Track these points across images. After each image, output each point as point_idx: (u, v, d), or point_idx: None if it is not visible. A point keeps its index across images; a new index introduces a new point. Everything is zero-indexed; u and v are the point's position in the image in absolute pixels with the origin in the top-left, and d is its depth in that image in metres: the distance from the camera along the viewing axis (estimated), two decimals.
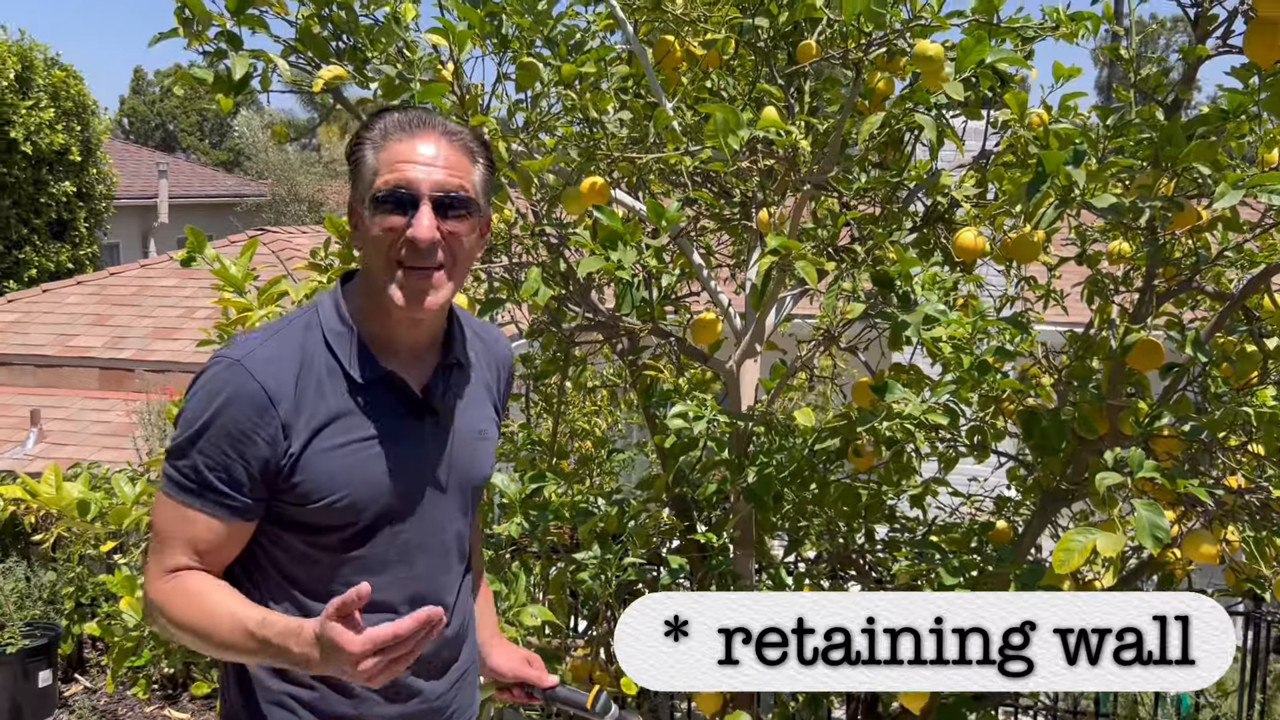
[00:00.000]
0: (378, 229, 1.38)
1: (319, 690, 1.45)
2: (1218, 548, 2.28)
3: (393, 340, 1.46)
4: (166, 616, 1.37)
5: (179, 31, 2.44)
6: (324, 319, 1.45)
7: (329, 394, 1.41)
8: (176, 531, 1.38)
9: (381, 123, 1.42)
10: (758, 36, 2.70)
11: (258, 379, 1.36)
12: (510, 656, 1.76)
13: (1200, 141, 2.11)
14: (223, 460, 1.36)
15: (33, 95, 10.21)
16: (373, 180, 1.39)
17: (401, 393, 1.46)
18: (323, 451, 1.39)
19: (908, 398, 2.25)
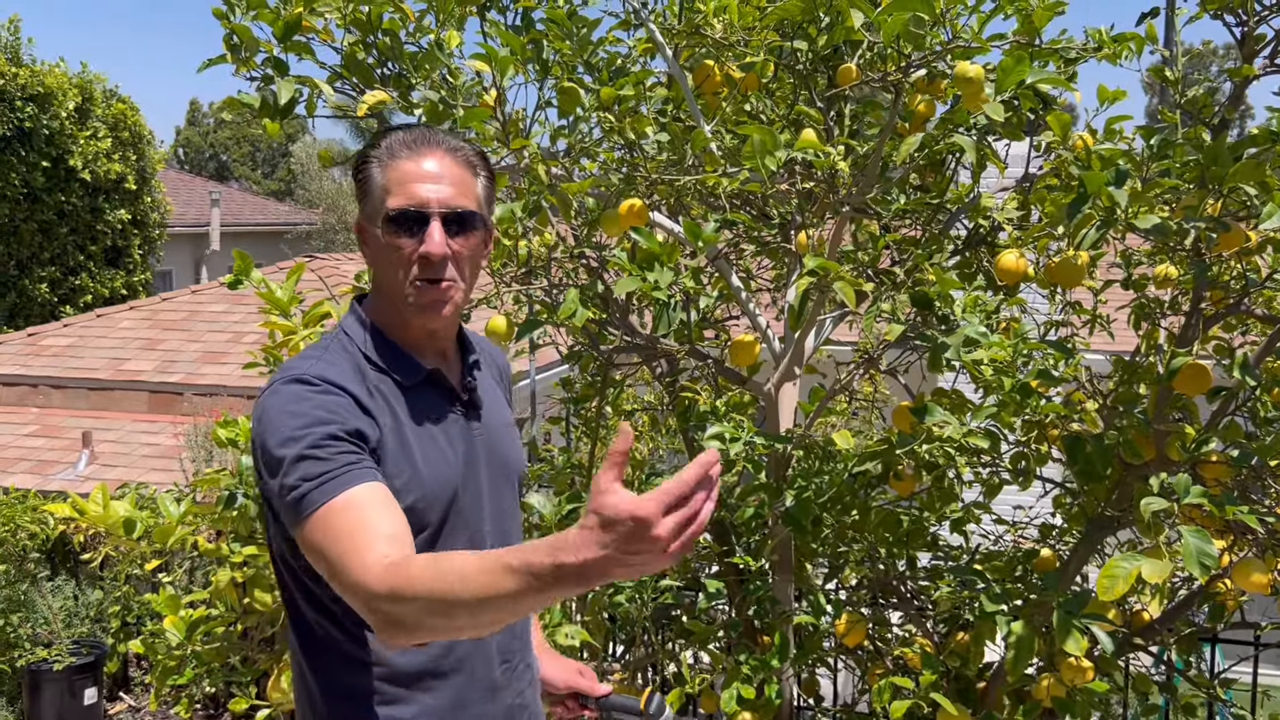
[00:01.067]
0: (392, 247, 1.45)
1: (421, 703, 1.45)
2: (1269, 576, 2.22)
3: (420, 344, 1.51)
4: (408, 594, 1.17)
5: (228, 58, 2.51)
6: (354, 336, 1.50)
7: (388, 398, 1.45)
8: (353, 528, 1.26)
9: (387, 141, 1.47)
10: (796, 60, 2.71)
11: (335, 383, 1.39)
12: (562, 668, 1.77)
13: (1247, 161, 2.07)
14: (339, 438, 1.33)
15: (91, 125, 10.48)
16: (383, 199, 1.45)
17: (446, 390, 1.52)
18: (396, 454, 1.42)
19: (948, 420, 2.23)
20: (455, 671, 1.47)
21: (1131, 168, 2.09)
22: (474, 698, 1.49)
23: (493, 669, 1.52)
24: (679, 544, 1.02)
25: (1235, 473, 2.40)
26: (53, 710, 4.01)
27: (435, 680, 1.46)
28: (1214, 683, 3.01)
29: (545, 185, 2.57)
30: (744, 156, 2.17)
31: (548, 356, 6.55)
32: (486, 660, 1.51)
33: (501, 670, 1.54)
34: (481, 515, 1.53)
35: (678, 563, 0.99)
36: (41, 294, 10.24)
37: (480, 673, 1.50)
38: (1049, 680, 2.53)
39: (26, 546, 4.23)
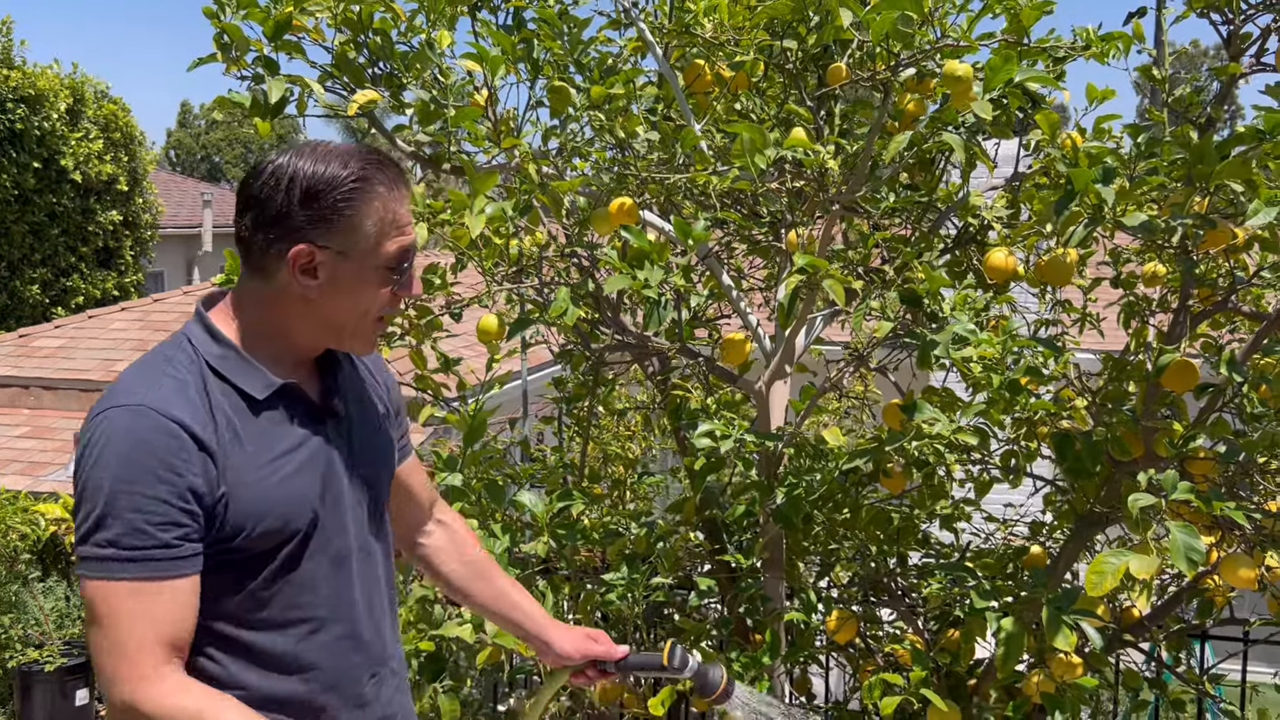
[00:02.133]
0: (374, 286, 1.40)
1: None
2: (1256, 572, 2.24)
3: (279, 356, 1.44)
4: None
5: (218, 57, 2.51)
6: (200, 346, 1.40)
7: (234, 418, 1.37)
8: (142, 618, 1.25)
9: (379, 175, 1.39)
10: (787, 59, 2.72)
11: (175, 418, 1.29)
12: (574, 638, 1.72)
13: (1233, 159, 2.09)
14: (168, 509, 1.27)
15: (82, 126, 10.47)
16: (379, 242, 1.39)
17: (301, 401, 1.44)
18: (247, 476, 1.35)
19: (937, 417, 2.24)
20: (321, 691, 1.43)
21: (1119, 165, 2.10)
22: (340, 715, 1.45)
23: (361, 685, 1.48)
24: None
25: (1223, 469, 2.42)
26: (44, 711, 4.00)
27: (300, 701, 1.42)
28: (1203, 679, 3.02)
29: (536, 184, 2.58)
30: (733, 155, 2.18)
31: (542, 356, 6.56)
32: (354, 677, 1.48)
33: (370, 684, 1.50)
34: (346, 532, 1.47)
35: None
36: (33, 295, 10.22)
37: (347, 689, 1.46)
38: (1039, 676, 2.54)
39: (18, 547, 4.22)
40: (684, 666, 1.63)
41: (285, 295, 1.40)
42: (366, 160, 1.39)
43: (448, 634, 2.43)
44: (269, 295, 1.41)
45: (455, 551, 1.76)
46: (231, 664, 1.38)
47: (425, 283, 2.98)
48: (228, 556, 1.35)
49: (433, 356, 3.02)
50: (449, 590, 1.80)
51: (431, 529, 1.77)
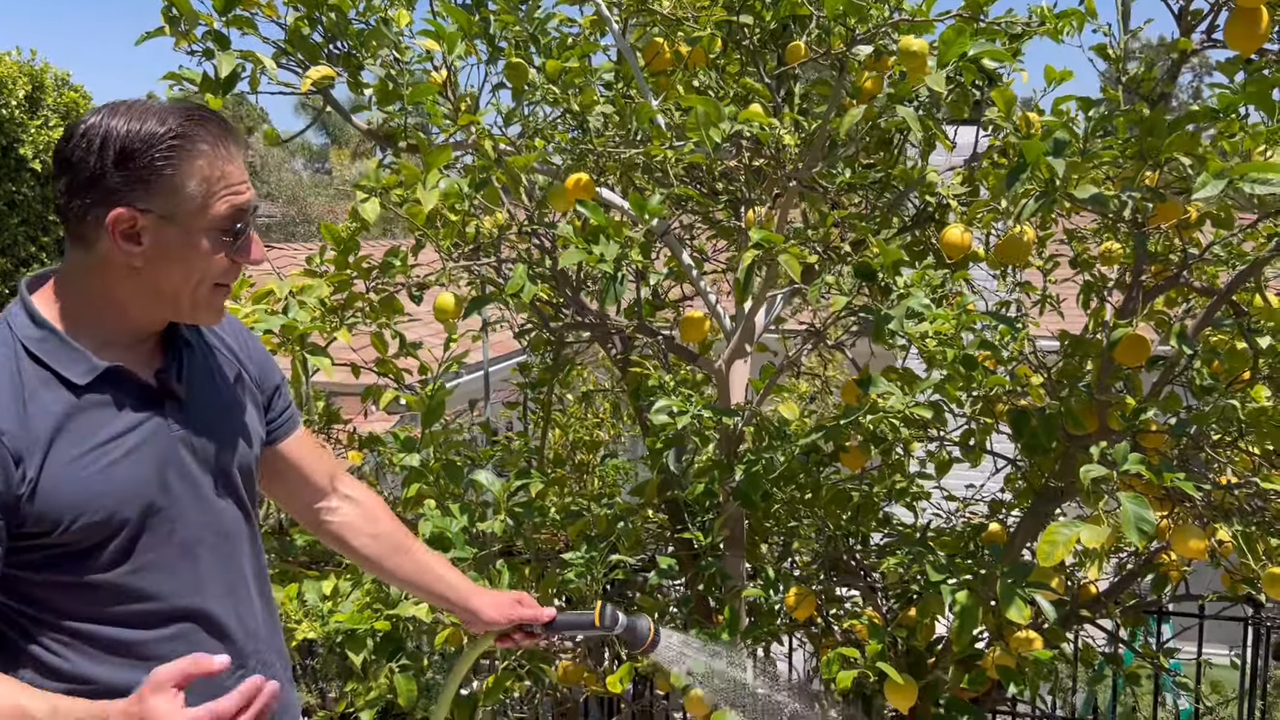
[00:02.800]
0: (208, 251, 1.32)
1: None
2: (1206, 543, 2.26)
3: (111, 336, 1.36)
4: None
5: (166, 31, 2.47)
6: (18, 329, 1.32)
7: (51, 405, 1.29)
8: None
9: (202, 130, 1.31)
10: (745, 35, 2.71)
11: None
12: (499, 603, 1.70)
13: (1182, 133, 2.10)
14: None
15: (42, 114, 10.30)
16: (205, 203, 1.31)
17: (131, 383, 1.36)
18: (64, 468, 1.28)
19: (891, 391, 2.24)
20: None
21: (1071, 139, 2.11)
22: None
23: (223, 679, 1.32)
24: None
25: (1175, 443, 2.44)
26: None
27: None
28: (1159, 654, 3.06)
29: (493, 160, 2.56)
30: (688, 128, 2.18)
31: (508, 345, 6.53)
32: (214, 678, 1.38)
33: (234, 677, 1.34)
34: (191, 519, 1.40)
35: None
36: None
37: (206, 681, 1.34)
38: (996, 651, 2.56)
39: None
40: (614, 624, 1.64)
41: (109, 265, 1.31)
42: (187, 116, 1.31)
43: (403, 614, 2.41)
44: (92, 266, 1.32)
45: (365, 525, 1.71)
46: (75, 657, 1.33)
47: (385, 265, 2.96)
48: (52, 550, 1.29)
49: (395, 344, 3.00)
50: (366, 566, 1.75)
51: (336, 504, 1.70)
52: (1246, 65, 2.30)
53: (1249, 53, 2.08)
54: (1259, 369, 2.47)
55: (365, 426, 3.67)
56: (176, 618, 1.38)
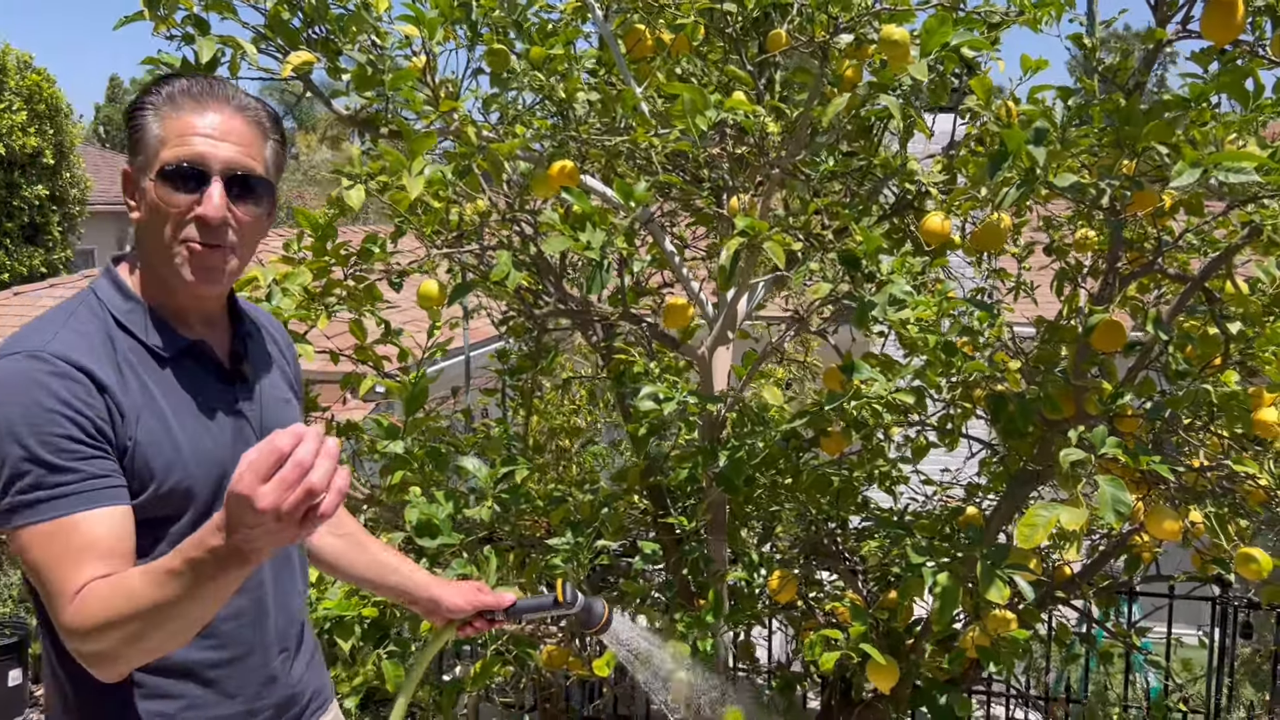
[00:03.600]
0: (165, 205, 1.32)
1: (187, 696, 1.37)
2: (1180, 523, 2.31)
3: (185, 311, 1.40)
4: (103, 628, 1.15)
5: (145, 15, 2.44)
6: (107, 300, 1.37)
7: (141, 373, 1.33)
8: (65, 552, 1.19)
9: (169, 89, 1.34)
10: (727, 23, 2.72)
11: (76, 363, 1.26)
12: (460, 591, 1.70)
13: (1158, 121, 2.14)
14: (76, 443, 1.22)
15: (5, 98, 10.14)
16: (158, 150, 1.32)
17: (209, 361, 1.41)
18: (152, 435, 1.30)
19: (875, 378, 2.27)
20: (228, 663, 1.40)
21: (1050, 128, 2.14)
22: (248, 690, 1.42)
23: (270, 659, 1.45)
24: (293, 511, 1.02)
25: (1150, 426, 2.49)
26: None
27: (206, 672, 1.38)
28: (1130, 633, 3.12)
29: (475, 147, 2.56)
30: (674, 116, 2.19)
31: (486, 332, 6.52)
32: (264, 650, 1.45)
33: (280, 659, 1.47)
34: None
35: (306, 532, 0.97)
36: None
37: (255, 664, 1.43)
38: (975, 632, 2.61)
39: None
40: (574, 601, 1.64)
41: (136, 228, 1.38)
42: (175, 76, 1.36)
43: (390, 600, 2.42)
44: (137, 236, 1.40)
45: (330, 527, 1.71)
46: None
47: (364, 252, 2.95)
48: (142, 510, 1.30)
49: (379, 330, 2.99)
50: (324, 566, 1.75)
51: None
52: (1220, 55, 2.34)
53: (1224, 43, 2.12)
54: (1230, 354, 2.53)
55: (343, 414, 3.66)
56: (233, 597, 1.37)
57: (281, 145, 1.43)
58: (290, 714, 1.50)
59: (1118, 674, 3.70)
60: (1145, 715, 3.50)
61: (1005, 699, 3.84)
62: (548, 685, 3.31)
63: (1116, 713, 3.38)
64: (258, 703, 1.43)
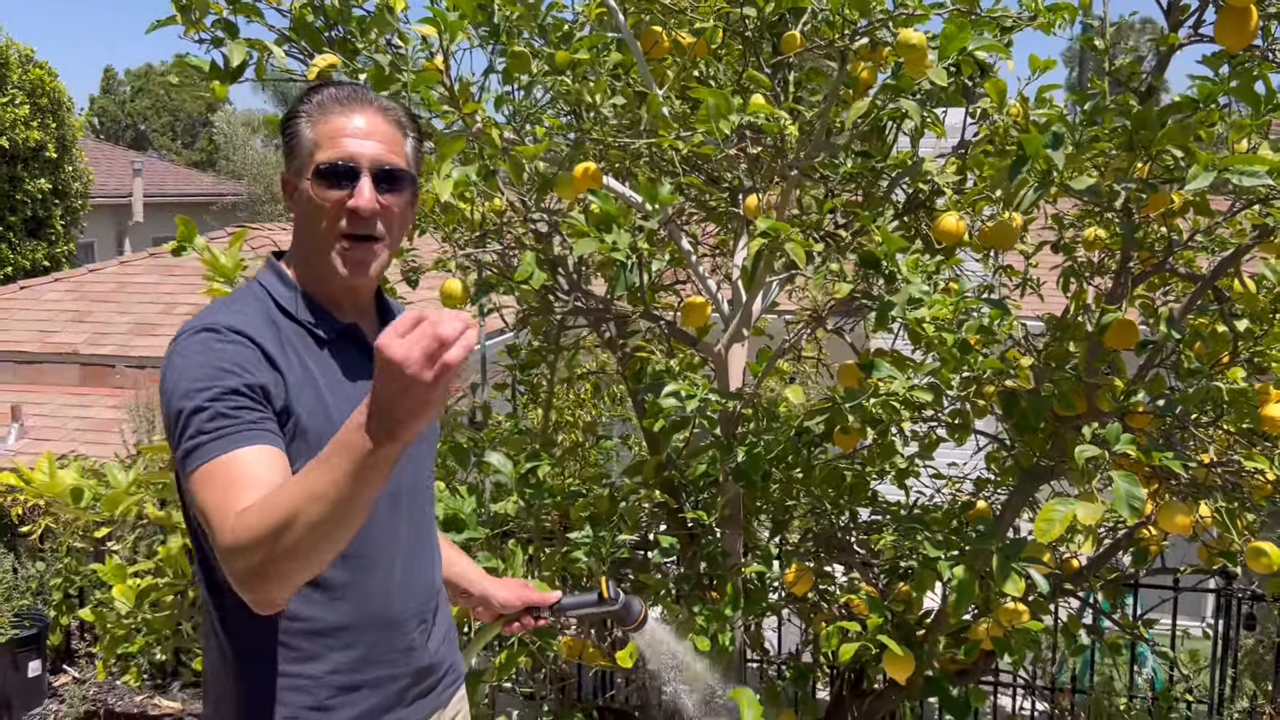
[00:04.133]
0: (320, 201, 1.44)
1: (332, 659, 1.45)
2: (1191, 517, 2.37)
3: (339, 299, 1.52)
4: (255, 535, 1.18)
5: (177, 19, 2.48)
6: (270, 288, 1.49)
7: (302, 354, 1.44)
8: (226, 485, 1.26)
9: (319, 97, 1.47)
10: (745, 26, 2.76)
11: (246, 334, 1.38)
12: (508, 587, 1.78)
13: (1173, 125, 2.19)
14: (239, 395, 1.32)
15: (8, 91, 10.14)
16: (312, 153, 1.45)
17: (363, 344, 1.50)
18: (311, 409, 1.41)
19: (894, 375, 2.32)
20: (369, 629, 1.48)
21: (1067, 132, 2.19)
22: (386, 656, 1.50)
23: (409, 629, 1.53)
24: (424, 359, 1.07)
25: (1160, 423, 2.54)
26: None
27: (349, 637, 1.46)
28: (1137, 624, 3.18)
29: (499, 150, 2.60)
30: (698, 120, 2.23)
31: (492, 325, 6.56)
32: (401, 620, 1.52)
33: (418, 630, 1.55)
34: (399, 473, 1.46)
35: (439, 391, 1.00)
36: None
37: (394, 632, 1.51)
38: (987, 623, 2.66)
39: None
40: (617, 599, 1.69)
41: (294, 224, 1.51)
42: (323, 86, 1.49)
43: None
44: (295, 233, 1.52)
45: None
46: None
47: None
48: None
49: None
50: None
51: None
52: (1231, 60, 2.39)
53: (1237, 49, 2.17)
54: (1239, 352, 2.58)
55: None
56: (378, 564, 1.48)
57: (419, 141, 1.54)
58: (426, 683, 1.58)
59: (1122, 664, 3.77)
60: (1150, 705, 3.57)
61: (1012, 689, 3.91)
62: (564, 676, 3.36)
63: (1123, 703, 3.45)
64: (396, 669, 1.52)
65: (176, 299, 7.74)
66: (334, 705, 1.45)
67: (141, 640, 3.43)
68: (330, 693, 1.45)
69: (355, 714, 1.47)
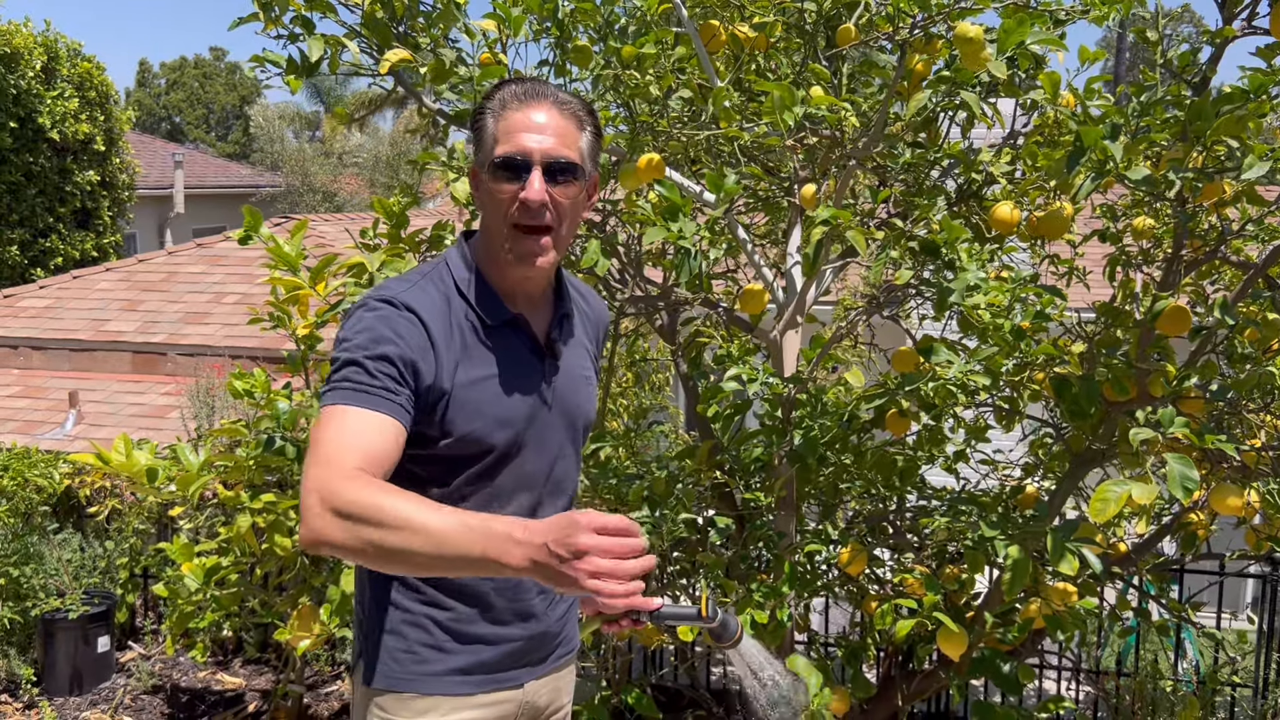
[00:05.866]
0: (496, 192, 1.53)
1: (456, 610, 1.59)
2: (1242, 499, 2.42)
3: (512, 289, 1.60)
4: (357, 512, 1.29)
5: (259, 16, 2.59)
6: (454, 269, 1.60)
7: (467, 334, 1.55)
8: (346, 432, 1.40)
9: (501, 93, 1.56)
10: (803, 20, 2.83)
11: (417, 312, 1.50)
12: None
13: (1228, 116, 2.24)
14: (391, 364, 1.45)
15: (58, 85, 10.35)
16: (492, 148, 1.53)
17: (526, 335, 1.61)
18: (465, 387, 1.52)
19: (952, 359, 2.39)
20: (492, 590, 1.60)
21: (1125, 123, 2.24)
22: (506, 617, 1.61)
23: (529, 597, 1.63)
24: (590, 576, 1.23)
25: (1211, 407, 2.60)
26: (67, 658, 4.11)
27: (476, 591, 1.59)
28: (1185, 607, 3.23)
29: None
30: (764, 111, 2.30)
31: None
32: (523, 584, 1.61)
33: (539, 599, 1.65)
34: (542, 459, 1.62)
35: (575, 591, 1.23)
36: (12, 256, 10.14)
37: (516, 596, 1.62)
38: (1038, 603, 2.73)
39: (33, 500, 4.30)
40: (714, 617, 1.67)
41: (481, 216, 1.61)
42: (507, 82, 1.57)
43: None
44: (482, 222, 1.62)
45: None
46: None
47: (435, 239, 3.09)
48: (443, 452, 1.52)
49: None
50: None
51: None
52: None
53: None
54: None
55: None
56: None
57: (597, 135, 1.60)
58: (541, 650, 1.69)
59: (1168, 647, 3.81)
60: (1195, 689, 3.61)
61: (1057, 672, 3.96)
62: (619, 653, 3.46)
63: (1170, 684, 3.50)
64: (512, 629, 1.63)
65: (224, 288, 7.90)
66: (450, 650, 1.59)
67: (212, 616, 3.56)
68: (446, 637, 1.59)
69: (468, 663, 1.60)
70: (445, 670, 1.59)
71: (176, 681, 4.28)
